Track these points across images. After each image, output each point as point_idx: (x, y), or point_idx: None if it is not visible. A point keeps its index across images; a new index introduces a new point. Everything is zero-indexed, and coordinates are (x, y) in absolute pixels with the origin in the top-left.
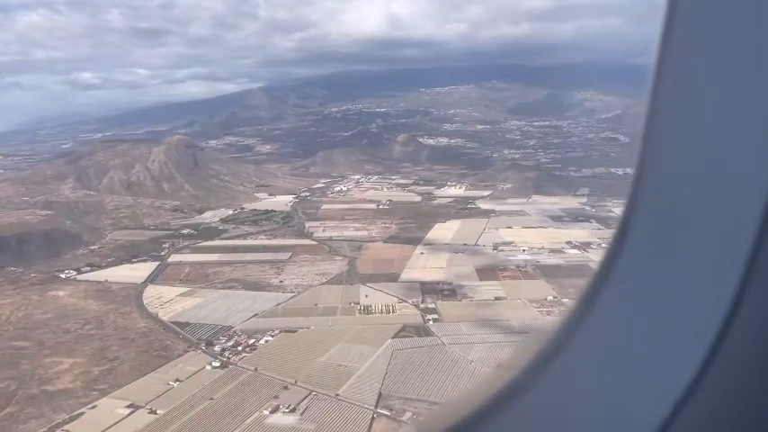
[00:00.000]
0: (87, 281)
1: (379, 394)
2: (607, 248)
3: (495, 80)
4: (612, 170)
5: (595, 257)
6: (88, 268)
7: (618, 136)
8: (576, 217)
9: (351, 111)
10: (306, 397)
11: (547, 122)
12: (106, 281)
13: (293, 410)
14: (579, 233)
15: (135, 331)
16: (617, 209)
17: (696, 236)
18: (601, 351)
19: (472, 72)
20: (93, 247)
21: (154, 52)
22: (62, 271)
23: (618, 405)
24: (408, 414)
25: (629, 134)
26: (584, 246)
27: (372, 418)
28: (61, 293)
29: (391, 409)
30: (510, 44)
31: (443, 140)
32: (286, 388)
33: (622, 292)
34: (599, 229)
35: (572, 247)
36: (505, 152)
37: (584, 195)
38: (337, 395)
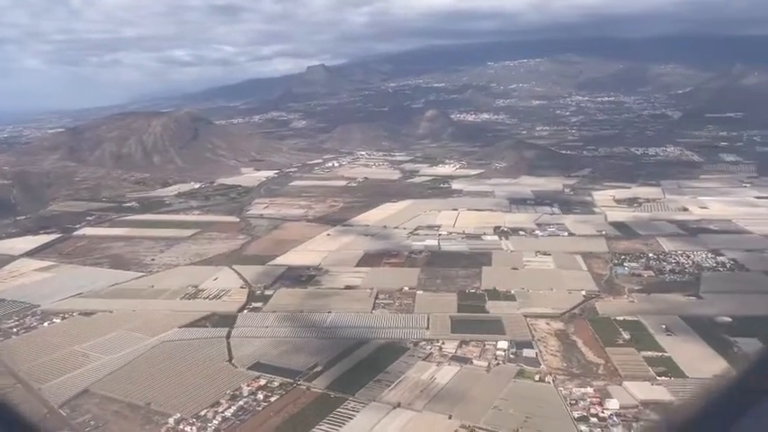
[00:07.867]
0: None
1: (84, 391)
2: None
3: (569, 53)
4: (632, 150)
5: (505, 246)
6: None
7: (674, 113)
8: (542, 200)
9: (406, 86)
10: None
11: (612, 98)
12: None
13: None
14: (521, 218)
15: None
16: (602, 191)
17: None
18: None
19: (546, 45)
20: (19, 218)
21: (234, 29)
22: None
23: None
24: (87, 416)
25: (690, 110)
26: (510, 232)
27: (44, 417)
28: None
29: (74, 410)
30: (589, 15)
31: (485, 116)
32: None
33: None
34: (552, 215)
35: (494, 233)
36: (537, 129)
37: (579, 176)
38: (39, 389)
